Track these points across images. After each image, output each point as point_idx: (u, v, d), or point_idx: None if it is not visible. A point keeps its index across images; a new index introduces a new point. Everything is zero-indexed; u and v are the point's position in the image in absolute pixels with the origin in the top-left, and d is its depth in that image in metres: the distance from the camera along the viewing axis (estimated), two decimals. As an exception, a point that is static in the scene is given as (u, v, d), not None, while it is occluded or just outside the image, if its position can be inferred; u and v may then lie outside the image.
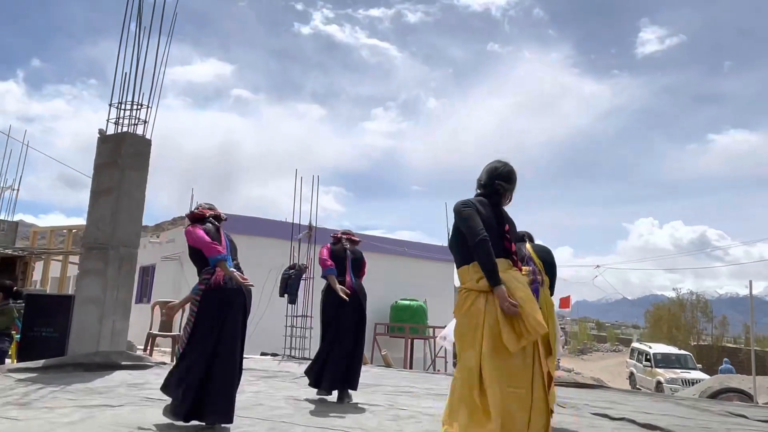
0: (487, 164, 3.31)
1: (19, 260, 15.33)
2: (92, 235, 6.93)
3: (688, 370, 20.86)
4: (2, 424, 3.76)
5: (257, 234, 14.95)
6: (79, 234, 17.35)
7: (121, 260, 6.86)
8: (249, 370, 7.18)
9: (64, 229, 18.80)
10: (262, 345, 11.74)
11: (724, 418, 5.39)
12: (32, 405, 4.40)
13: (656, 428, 4.58)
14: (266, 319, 12.47)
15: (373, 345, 18.09)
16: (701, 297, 42.50)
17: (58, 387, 5.15)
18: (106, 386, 5.35)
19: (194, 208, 4.26)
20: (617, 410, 5.37)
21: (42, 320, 7.24)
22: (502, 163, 3.29)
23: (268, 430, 3.95)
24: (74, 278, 13.78)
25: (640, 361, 23.06)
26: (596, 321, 76.19)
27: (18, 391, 4.93)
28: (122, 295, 6.87)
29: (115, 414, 4.19)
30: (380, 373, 8.08)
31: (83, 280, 6.88)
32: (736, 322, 45.06)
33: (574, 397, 6.18)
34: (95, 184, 7.10)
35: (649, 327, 45.27)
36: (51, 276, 19.70)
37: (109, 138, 7.25)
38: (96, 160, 7.19)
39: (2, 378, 5.59)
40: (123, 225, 6.88)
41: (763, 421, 5.26)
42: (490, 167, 3.28)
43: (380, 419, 4.50)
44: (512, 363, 2.81)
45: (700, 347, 34.39)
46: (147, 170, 7.27)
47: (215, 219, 4.22)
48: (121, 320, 6.85)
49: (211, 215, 4.21)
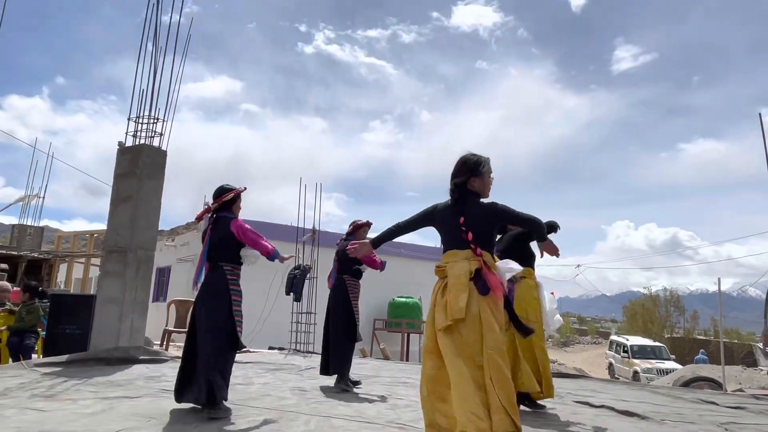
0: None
1: (44, 263, 15.30)
2: (112, 240, 6.91)
3: (663, 361, 20.88)
4: (29, 414, 3.74)
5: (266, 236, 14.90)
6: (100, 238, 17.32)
7: (139, 262, 6.85)
8: (257, 363, 7.17)
9: (86, 234, 18.77)
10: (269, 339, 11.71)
11: (696, 405, 5.39)
12: (57, 397, 4.38)
13: (633, 414, 4.58)
14: (273, 316, 12.44)
15: (372, 339, 18.05)
16: (674, 293, 42.60)
17: (81, 380, 5.12)
18: (125, 379, 5.33)
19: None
20: (598, 398, 5.36)
21: (66, 318, 7.22)
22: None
23: (276, 418, 3.94)
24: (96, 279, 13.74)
25: (618, 353, 23.06)
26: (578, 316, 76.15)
27: (44, 384, 4.91)
28: (140, 295, 6.85)
29: (133, 405, 4.18)
30: (379, 365, 8.06)
31: (104, 281, 6.86)
32: (705, 316, 45.11)
33: (558, 386, 6.17)
34: (115, 193, 7.08)
35: (626, 321, 45.30)
36: (74, 277, 19.65)
37: (128, 150, 7.24)
38: (116, 170, 7.18)
39: (29, 372, 5.57)
40: (141, 230, 6.86)
41: (731, 407, 5.26)
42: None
43: (379, 408, 4.49)
44: (461, 340, 2.84)
45: (674, 339, 34.40)
46: (163, 179, 7.26)
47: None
48: (139, 318, 6.83)
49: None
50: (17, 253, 14.67)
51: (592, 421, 4.28)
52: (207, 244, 4.18)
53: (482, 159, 3.21)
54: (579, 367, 25.84)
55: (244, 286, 4.33)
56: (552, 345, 45.57)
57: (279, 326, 11.47)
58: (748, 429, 4.14)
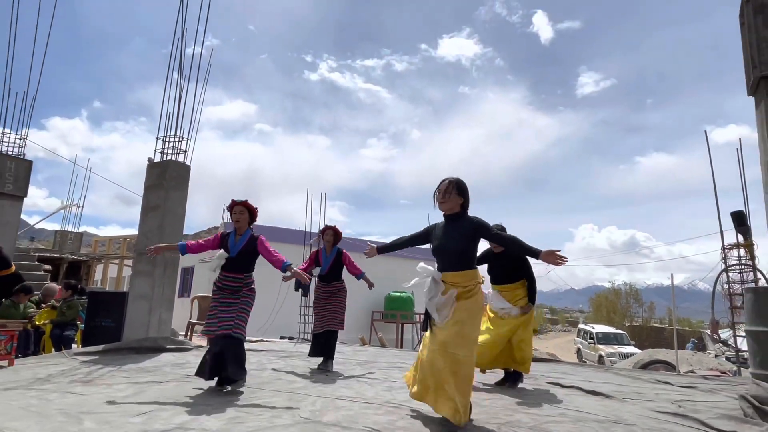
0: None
1: (83, 264, 15.21)
2: (142, 244, 6.88)
3: (624, 346, 20.90)
4: (69, 398, 3.71)
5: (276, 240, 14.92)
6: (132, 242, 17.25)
7: (166, 264, 6.82)
8: (270, 351, 7.14)
9: (120, 239, 18.68)
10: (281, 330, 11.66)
11: (653, 384, 5.38)
12: (94, 382, 4.34)
13: (599, 394, 4.57)
14: (284, 309, 12.40)
15: (371, 329, 18.01)
16: (633, 287, 42.67)
17: (115, 367, 5.09)
18: (154, 366, 5.30)
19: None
20: (568, 379, 5.35)
21: (102, 312, 7.17)
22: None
23: (286, 399, 3.91)
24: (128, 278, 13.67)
25: (585, 339, 23.06)
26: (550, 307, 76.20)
27: (82, 371, 4.87)
28: (167, 292, 6.82)
29: (161, 388, 4.15)
30: (377, 353, 8.03)
31: (135, 279, 6.83)
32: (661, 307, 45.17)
33: (533, 369, 6.16)
34: (145, 202, 7.06)
35: (592, 311, 45.37)
36: (109, 276, 19.54)
37: (156, 165, 7.23)
38: (145, 183, 7.16)
39: (69, 360, 5.52)
40: (167, 235, 6.83)
41: (684, 387, 5.25)
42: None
43: (377, 390, 4.47)
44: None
45: (633, 327, 34.44)
46: (187, 191, 7.25)
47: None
48: (166, 312, 6.79)
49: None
50: (59, 255, 14.59)
51: (563, 399, 4.28)
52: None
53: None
54: (551, 352, 25.79)
55: (259, 283, 4.40)
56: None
57: (289, 318, 11.43)
58: (698, 405, 4.14)
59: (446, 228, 3.19)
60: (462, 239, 3.11)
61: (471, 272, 3.14)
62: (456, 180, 3.21)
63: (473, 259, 3.18)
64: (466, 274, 3.12)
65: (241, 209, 4.33)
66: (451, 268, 3.13)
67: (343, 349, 7.77)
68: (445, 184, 3.20)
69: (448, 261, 3.14)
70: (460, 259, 3.11)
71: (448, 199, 3.16)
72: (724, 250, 10.43)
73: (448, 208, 3.18)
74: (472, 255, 3.17)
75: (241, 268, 4.26)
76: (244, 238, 4.29)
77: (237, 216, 4.31)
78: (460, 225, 3.16)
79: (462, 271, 3.11)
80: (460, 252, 3.11)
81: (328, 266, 5.61)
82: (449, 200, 3.16)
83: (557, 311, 69.05)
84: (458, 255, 3.11)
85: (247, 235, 4.31)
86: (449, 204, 3.17)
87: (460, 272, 3.11)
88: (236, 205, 4.35)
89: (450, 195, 3.16)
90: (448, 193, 3.16)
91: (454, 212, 3.20)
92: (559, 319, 54.64)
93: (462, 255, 3.12)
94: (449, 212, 3.20)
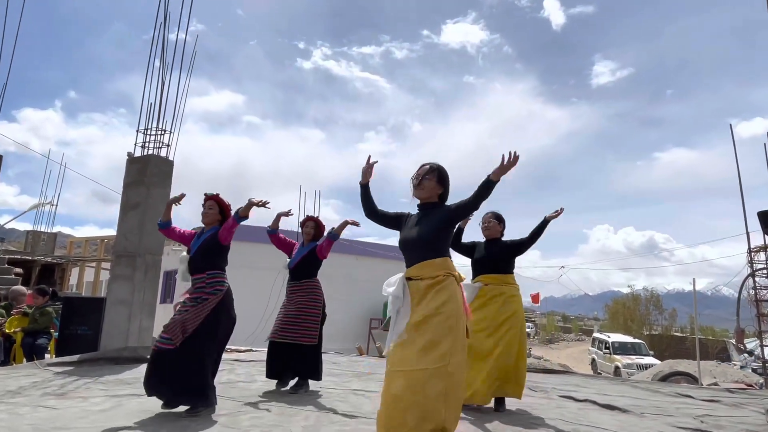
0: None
1: (57, 267, 15.21)
2: (122, 245, 6.88)
3: (642, 356, 20.93)
4: (42, 412, 3.71)
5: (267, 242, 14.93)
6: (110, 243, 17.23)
7: (147, 266, 6.82)
8: (260, 362, 7.13)
9: (97, 240, 18.66)
10: (271, 339, 11.64)
11: (673, 398, 5.39)
12: (68, 395, 4.34)
13: (615, 408, 4.57)
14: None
15: (369, 337, 18.02)
16: (654, 292, 42.65)
17: (92, 379, 5.08)
18: (134, 377, 5.29)
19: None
20: (581, 393, 5.36)
21: (77, 320, 7.16)
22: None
23: (276, 415, 3.91)
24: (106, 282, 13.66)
25: (600, 349, 23.10)
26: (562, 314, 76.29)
27: (56, 383, 4.86)
28: (148, 297, 6.82)
29: (141, 402, 4.14)
30: (375, 363, 8.03)
31: (114, 284, 6.82)
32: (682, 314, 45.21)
33: (543, 381, 6.17)
34: (124, 200, 7.06)
35: (607, 319, 45.40)
36: (85, 281, 19.53)
37: (137, 160, 7.22)
38: (125, 179, 7.16)
39: (42, 371, 5.52)
40: (149, 235, 6.83)
41: (706, 400, 5.27)
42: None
43: (376, 404, 4.45)
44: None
45: (652, 336, 34.48)
46: (170, 187, 7.24)
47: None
48: (147, 319, 6.79)
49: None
50: (31, 257, 14.58)
51: (576, 415, 4.28)
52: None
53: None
54: (563, 363, 25.85)
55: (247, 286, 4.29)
56: (538, 342, 45.60)
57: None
58: (722, 420, 4.15)
59: (418, 217, 3.04)
60: (433, 228, 2.93)
61: (440, 260, 2.88)
62: (437, 166, 3.08)
63: (445, 249, 2.96)
64: (433, 263, 2.86)
65: (211, 204, 4.17)
66: (418, 260, 2.90)
67: (339, 360, 7.77)
68: (425, 168, 3.07)
69: (416, 252, 2.91)
70: (428, 248, 2.90)
71: (426, 186, 3.04)
72: (751, 253, 10.44)
73: (425, 196, 3.05)
74: (443, 245, 2.96)
75: (203, 267, 4.00)
76: (206, 234, 4.11)
77: (205, 211, 4.16)
78: (434, 213, 3.01)
79: (431, 260, 2.86)
80: (430, 240, 2.90)
81: (298, 260, 5.04)
82: (426, 187, 3.04)
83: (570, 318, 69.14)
84: (427, 244, 2.90)
85: (211, 231, 4.11)
86: (426, 192, 3.04)
87: (428, 261, 2.86)
88: (208, 199, 4.20)
89: (428, 181, 3.04)
90: (426, 179, 3.04)
91: (430, 201, 3.07)
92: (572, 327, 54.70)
93: (431, 243, 2.90)
94: (425, 200, 3.07)
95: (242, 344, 9.32)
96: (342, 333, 17.52)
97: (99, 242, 18.50)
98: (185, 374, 3.73)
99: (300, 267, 5.03)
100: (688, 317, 41.72)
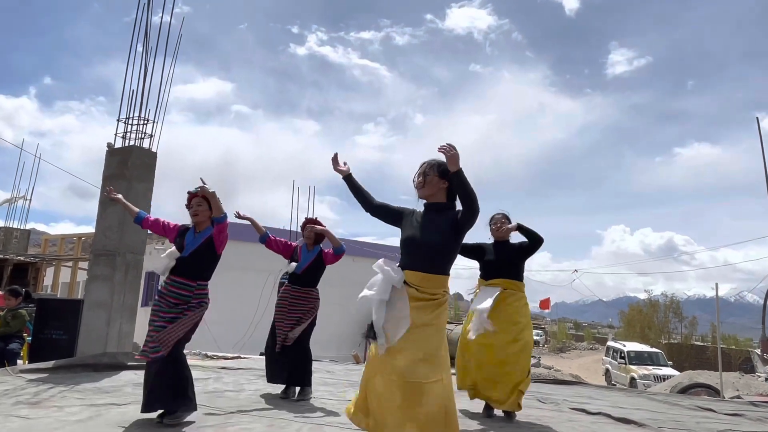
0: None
1: (31, 266, 15.20)
2: (101, 243, 6.88)
3: (660, 367, 20.95)
4: (14, 422, 3.71)
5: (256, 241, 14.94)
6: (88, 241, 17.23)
7: (128, 266, 6.82)
8: (249, 370, 7.14)
9: (74, 237, 18.65)
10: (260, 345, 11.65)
11: (693, 412, 5.40)
12: (43, 404, 4.34)
13: (630, 422, 4.59)
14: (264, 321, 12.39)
15: (366, 345, 18.03)
16: (674, 298, 42.63)
17: (68, 387, 5.08)
18: (113, 386, 5.29)
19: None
20: (594, 405, 5.37)
21: (52, 323, 7.17)
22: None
23: (266, 426, 3.92)
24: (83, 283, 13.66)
25: (615, 359, 23.13)
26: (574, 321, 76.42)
27: (29, 390, 4.87)
28: (129, 299, 6.82)
29: (121, 412, 4.15)
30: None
31: (92, 284, 6.82)
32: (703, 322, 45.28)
33: (553, 393, 6.18)
34: (104, 194, 7.05)
35: (623, 326, 45.44)
36: (61, 281, 19.53)
37: (117, 151, 7.22)
38: (104, 172, 7.15)
39: (14, 378, 5.51)
40: (130, 233, 6.83)
41: (729, 414, 5.28)
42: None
43: (372, 415, 4.47)
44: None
45: (671, 345, 34.52)
46: (153, 181, 7.24)
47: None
48: (128, 323, 6.80)
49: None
50: (3, 256, 14.57)
51: (588, 429, 4.29)
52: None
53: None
54: (575, 373, 25.90)
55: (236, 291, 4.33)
56: (548, 351, 45.67)
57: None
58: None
59: (425, 219, 3.03)
60: (444, 233, 2.93)
61: (444, 278, 2.93)
62: (436, 161, 3.06)
63: (450, 265, 2.99)
64: (438, 279, 2.90)
65: (198, 200, 4.11)
66: (422, 268, 2.89)
67: (334, 368, 7.78)
68: (424, 165, 3.08)
69: (421, 257, 2.91)
70: (436, 257, 2.91)
71: (427, 182, 3.04)
72: (778, 255, 10.48)
73: (427, 194, 3.05)
74: (451, 257, 2.99)
75: (193, 274, 4.00)
76: (203, 235, 4.06)
77: (195, 209, 4.11)
78: (445, 217, 2.99)
79: (434, 275, 2.89)
80: (440, 248, 2.92)
81: (306, 265, 5.22)
82: (428, 184, 3.04)
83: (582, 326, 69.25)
84: (436, 252, 2.91)
85: (208, 233, 4.07)
86: (429, 189, 3.04)
87: (432, 275, 2.88)
88: (193, 197, 4.14)
89: (430, 177, 3.04)
90: (426, 175, 3.04)
91: (437, 201, 3.05)
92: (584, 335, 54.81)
93: (440, 253, 2.93)
94: (431, 200, 3.06)
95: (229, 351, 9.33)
96: (337, 340, 17.48)
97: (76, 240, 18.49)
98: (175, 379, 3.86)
99: (307, 273, 5.26)
100: (710, 325, 41.77)
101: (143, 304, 15.94)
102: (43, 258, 16.35)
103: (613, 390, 7.36)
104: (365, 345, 17.94)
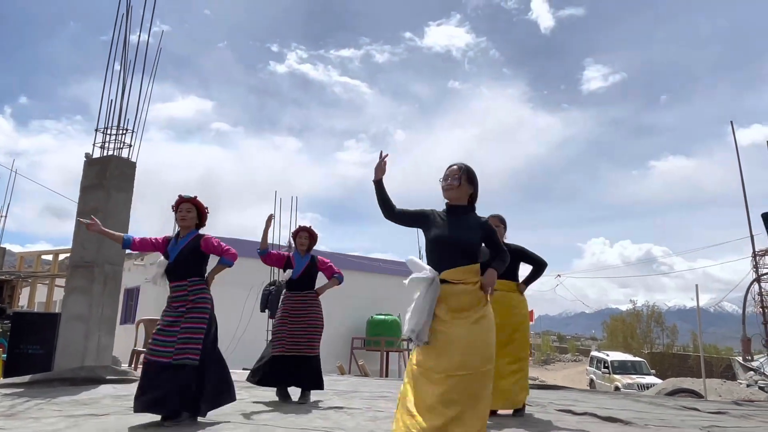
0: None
1: (5, 284, 14.83)
2: (78, 254, 6.76)
3: (643, 376, 21.09)
4: (-13, 433, 3.60)
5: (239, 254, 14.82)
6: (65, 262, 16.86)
7: (106, 278, 6.70)
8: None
9: (50, 253, 18.27)
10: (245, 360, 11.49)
11: (678, 411, 5.44)
12: (18, 416, 4.22)
13: (617, 420, 4.59)
14: (248, 334, 12.25)
15: (351, 357, 17.90)
16: (656, 308, 43.13)
17: (45, 400, 4.95)
18: (91, 398, 5.17)
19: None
20: (580, 407, 5.37)
21: (28, 337, 7.01)
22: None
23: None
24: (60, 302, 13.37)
25: (599, 369, 23.22)
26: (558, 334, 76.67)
27: (4, 404, 4.73)
28: (108, 312, 6.69)
29: (100, 422, 4.05)
30: (358, 382, 7.97)
31: (69, 297, 6.68)
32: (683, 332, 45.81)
33: (539, 397, 6.18)
34: (81, 205, 6.94)
35: (606, 337, 45.72)
36: (37, 300, 19.06)
37: (95, 161, 7.13)
38: (82, 183, 7.05)
39: (-12, 393, 5.36)
40: (108, 244, 6.71)
41: (713, 413, 5.32)
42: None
43: (358, 420, 4.43)
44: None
45: (653, 354, 34.80)
46: (132, 191, 7.16)
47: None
48: (107, 336, 6.66)
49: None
50: (-23, 274, 14.22)
51: (575, 427, 4.28)
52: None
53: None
54: (560, 384, 25.94)
55: (218, 306, 4.35)
56: (532, 363, 45.70)
57: (253, 343, 11.28)
58: (730, 431, 4.19)
59: (450, 219, 3.12)
60: (473, 232, 3.06)
61: (475, 266, 3.03)
62: (466, 166, 3.18)
63: (478, 256, 3.09)
64: (470, 269, 3.01)
65: (188, 206, 4.25)
66: (455, 264, 2.99)
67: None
68: (454, 169, 3.17)
69: (453, 255, 3.00)
70: (467, 253, 3.02)
71: (456, 186, 3.13)
72: (755, 256, 10.66)
73: (455, 196, 3.14)
74: (477, 252, 3.11)
75: (183, 274, 4.15)
76: (185, 239, 4.22)
77: (183, 214, 4.23)
78: (467, 219, 3.12)
79: (466, 266, 3.00)
80: (471, 245, 3.04)
81: (302, 270, 5.45)
82: (458, 187, 3.13)
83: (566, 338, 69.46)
84: (468, 248, 3.03)
85: (190, 236, 4.23)
86: (457, 192, 3.13)
87: (464, 267, 2.99)
88: (183, 201, 4.25)
89: (458, 181, 3.13)
90: (456, 179, 3.13)
91: (460, 204, 3.16)
92: (568, 348, 54.89)
93: (471, 249, 3.05)
94: (455, 202, 3.16)
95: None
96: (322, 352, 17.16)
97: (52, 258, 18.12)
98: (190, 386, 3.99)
99: (303, 278, 5.47)
100: (690, 335, 42.23)
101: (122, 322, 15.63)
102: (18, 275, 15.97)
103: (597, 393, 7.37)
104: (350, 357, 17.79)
